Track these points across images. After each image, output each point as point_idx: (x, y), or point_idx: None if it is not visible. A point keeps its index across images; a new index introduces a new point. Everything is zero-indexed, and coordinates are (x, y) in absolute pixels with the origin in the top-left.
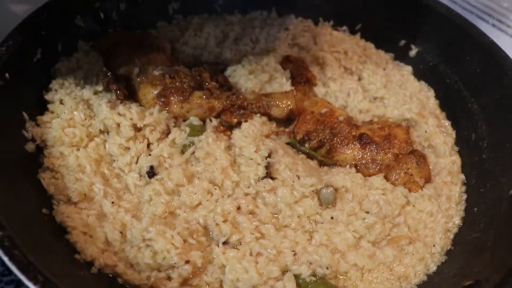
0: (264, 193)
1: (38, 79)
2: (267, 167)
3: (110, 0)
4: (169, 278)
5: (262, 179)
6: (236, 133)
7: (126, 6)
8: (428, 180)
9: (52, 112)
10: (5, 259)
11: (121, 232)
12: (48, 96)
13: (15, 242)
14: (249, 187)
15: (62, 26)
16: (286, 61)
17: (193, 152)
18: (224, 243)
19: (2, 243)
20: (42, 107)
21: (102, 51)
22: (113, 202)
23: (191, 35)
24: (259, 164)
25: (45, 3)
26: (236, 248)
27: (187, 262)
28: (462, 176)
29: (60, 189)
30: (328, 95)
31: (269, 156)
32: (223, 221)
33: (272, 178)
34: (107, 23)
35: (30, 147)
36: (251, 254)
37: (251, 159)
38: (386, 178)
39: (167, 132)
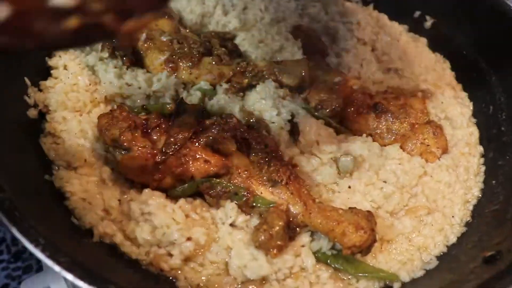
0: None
1: None
2: (292, 130)
3: None
4: (169, 254)
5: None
6: (252, 94)
7: None
8: (445, 150)
9: (56, 78)
10: (5, 220)
11: (119, 200)
12: (51, 62)
13: (15, 205)
14: None
15: None
16: (297, 31)
17: None
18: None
19: (2, 206)
20: (44, 73)
21: None
22: (113, 169)
23: (198, 2)
24: (282, 128)
25: None
26: (244, 230)
27: (189, 239)
28: (480, 148)
29: (60, 154)
30: (341, 65)
31: (292, 118)
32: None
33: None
34: None
35: (32, 113)
36: None
37: (273, 122)
38: (402, 148)
39: (176, 98)
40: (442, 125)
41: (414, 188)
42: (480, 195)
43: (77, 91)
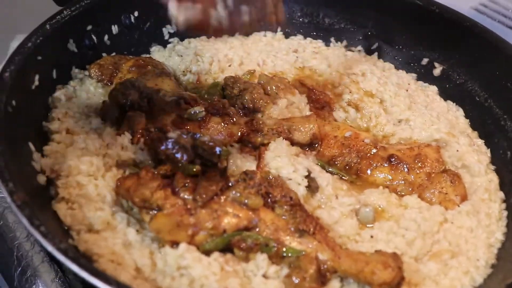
0: None
1: (38, 109)
2: (310, 185)
3: (102, 23)
4: None
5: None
6: (267, 154)
7: (119, 29)
8: (464, 198)
9: (59, 143)
10: None
11: (150, 259)
12: (52, 126)
13: None
14: None
15: (56, 51)
16: (299, 85)
17: None
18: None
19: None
20: (43, 138)
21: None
22: (137, 230)
23: (192, 60)
24: (299, 184)
25: (37, 27)
26: (276, 280)
27: None
28: (501, 194)
29: (79, 219)
30: (348, 120)
31: (309, 174)
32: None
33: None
34: (99, 47)
35: (41, 179)
36: None
37: (290, 179)
38: (421, 198)
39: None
40: (459, 173)
41: (436, 234)
42: (504, 239)
43: (87, 155)
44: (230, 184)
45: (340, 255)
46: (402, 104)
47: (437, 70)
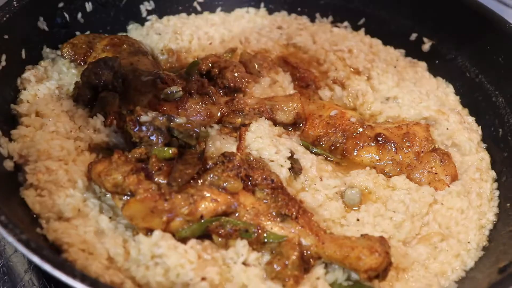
0: None
1: (5, 91)
2: (293, 167)
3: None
4: None
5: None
6: (248, 135)
7: (93, 6)
8: (454, 178)
9: (28, 126)
10: None
11: (124, 247)
12: (20, 109)
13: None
14: None
15: (24, 30)
16: (283, 63)
17: None
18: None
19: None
20: (11, 121)
21: (78, 57)
22: (110, 217)
23: (171, 38)
24: (282, 166)
25: (3, 4)
26: (257, 267)
27: (204, 279)
28: (493, 173)
29: (48, 206)
30: (334, 98)
31: (292, 155)
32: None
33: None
34: (73, 25)
35: (8, 164)
36: None
37: (272, 161)
38: (409, 178)
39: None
40: (449, 152)
41: (425, 216)
42: (496, 220)
43: (57, 138)
44: (207, 167)
45: (324, 240)
46: (390, 81)
47: (426, 46)
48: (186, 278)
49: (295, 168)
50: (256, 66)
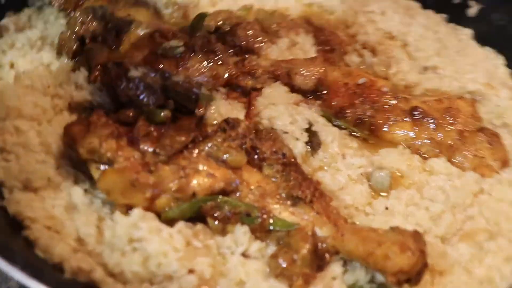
0: None
1: None
2: (311, 141)
3: None
4: None
5: None
6: (259, 101)
7: None
8: (505, 163)
9: (0, 79)
10: None
11: (98, 227)
12: None
13: None
14: None
15: None
16: (305, 24)
17: None
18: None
19: None
20: None
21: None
22: (86, 190)
23: None
24: (297, 139)
25: None
26: (259, 260)
27: (191, 271)
28: None
29: (14, 173)
30: (364, 65)
31: (310, 127)
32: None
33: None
34: None
35: None
36: None
37: (286, 132)
38: (450, 161)
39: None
40: (499, 133)
41: (469, 208)
42: None
43: (32, 94)
44: (206, 136)
45: (344, 231)
46: (429, 49)
47: (473, 10)
48: (169, 269)
49: (313, 143)
50: (274, 25)
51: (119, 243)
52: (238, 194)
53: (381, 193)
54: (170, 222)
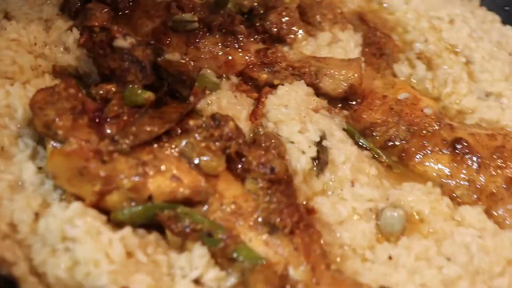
0: None
1: None
2: (318, 157)
3: None
4: None
5: None
6: (270, 99)
7: None
8: None
9: None
10: None
11: (36, 214)
12: None
13: None
14: None
15: None
16: (359, 21)
17: None
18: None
19: None
20: None
21: None
22: (40, 168)
23: None
24: (303, 153)
25: None
26: None
27: None
28: None
29: None
30: (414, 77)
31: (321, 141)
32: None
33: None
34: None
35: None
36: None
37: (292, 142)
38: (488, 213)
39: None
40: None
41: (498, 279)
42: None
43: (15, 50)
44: (186, 130)
45: (322, 280)
46: (497, 72)
47: None
48: (96, 282)
49: (321, 160)
50: (318, 16)
51: (52, 239)
52: (205, 207)
53: (390, 237)
54: (120, 224)
